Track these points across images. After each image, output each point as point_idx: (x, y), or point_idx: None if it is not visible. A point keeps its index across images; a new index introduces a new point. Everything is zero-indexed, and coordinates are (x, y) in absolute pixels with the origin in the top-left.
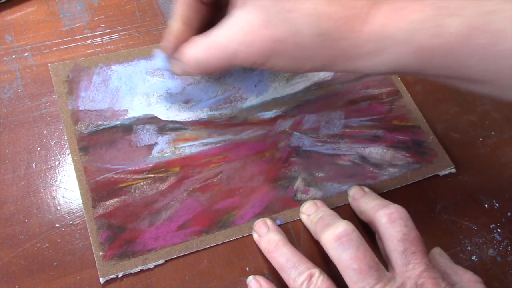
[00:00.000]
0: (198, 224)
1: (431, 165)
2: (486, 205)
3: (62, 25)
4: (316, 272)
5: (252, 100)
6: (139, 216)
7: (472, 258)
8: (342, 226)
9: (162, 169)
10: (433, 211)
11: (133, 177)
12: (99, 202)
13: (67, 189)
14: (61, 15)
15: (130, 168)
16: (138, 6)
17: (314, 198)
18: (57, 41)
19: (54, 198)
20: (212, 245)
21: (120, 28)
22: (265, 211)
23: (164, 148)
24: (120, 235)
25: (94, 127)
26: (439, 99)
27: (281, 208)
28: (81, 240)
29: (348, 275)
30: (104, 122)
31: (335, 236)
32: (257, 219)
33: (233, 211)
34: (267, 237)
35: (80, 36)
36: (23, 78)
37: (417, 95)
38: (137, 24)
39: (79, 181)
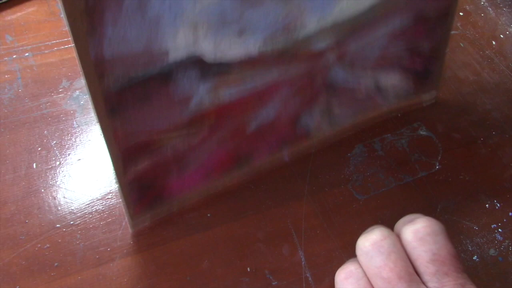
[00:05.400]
0: (221, 169)
1: (424, 93)
2: (487, 205)
3: (62, 25)
4: None
5: (311, 27)
6: (168, 172)
7: (474, 258)
8: (375, 233)
9: (197, 122)
10: (434, 211)
11: (167, 135)
12: (131, 168)
13: (68, 189)
14: (62, 15)
15: (164, 127)
16: None
17: (323, 132)
18: (57, 41)
19: (54, 199)
20: (229, 184)
21: None
22: (280, 149)
23: (203, 98)
24: (149, 193)
25: (125, 81)
26: (440, 98)
27: (294, 143)
28: (82, 240)
29: (376, 284)
30: (138, 73)
31: (367, 243)
32: (272, 156)
33: (254, 152)
34: None
35: None
36: (24, 78)
37: None
38: None
39: (110, 148)
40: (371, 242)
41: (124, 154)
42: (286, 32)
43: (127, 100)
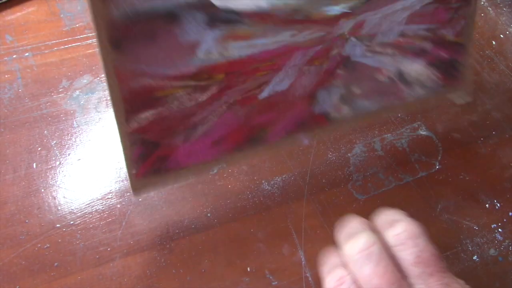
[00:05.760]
0: (232, 141)
1: (453, 90)
2: (487, 205)
3: (62, 25)
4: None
5: None
6: (174, 131)
7: (474, 258)
8: (363, 239)
9: (205, 75)
10: (434, 211)
11: (173, 84)
12: (133, 115)
13: (67, 189)
14: (62, 15)
15: (170, 73)
16: None
17: (344, 117)
18: (57, 41)
19: (54, 198)
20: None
21: None
22: (297, 129)
23: (211, 48)
24: (154, 152)
25: (130, 10)
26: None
27: (313, 125)
28: (82, 240)
29: None
30: (143, 3)
31: (356, 250)
32: (288, 136)
33: (267, 128)
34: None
35: (81, 36)
36: (24, 78)
37: None
38: None
39: (111, 87)
40: (358, 250)
41: (126, 97)
42: None
43: (132, 34)
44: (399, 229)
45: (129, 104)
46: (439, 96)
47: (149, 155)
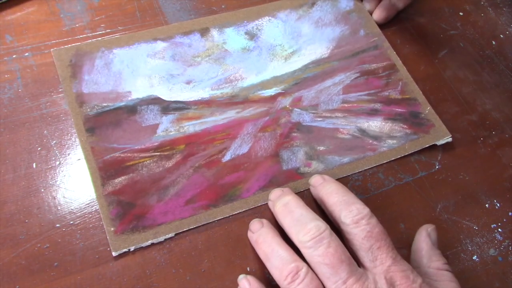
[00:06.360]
0: (205, 199)
1: (428, 135)
2: (487, 205)
3: (62, 25)
4: (304, 267)
5: (252, 79)
6: (147, 192)
7: (473, 258)
8: (314, 228)
9: (167, 147)
10: (434, 211)
11: (140, 155)
12: (108, 180)
13: (67, 189)
14: (62, 15)
15: (136, 147)
16: (138, 6)
17: (317, 171)
18: (57, 41)
19: (54, 198)
20: (220, 218)
21: (121, 28)
22: (270, 184)
23: (168, 127)
24: (130, 211)
25: (99, 109)
26: (439, 98)
27: (285, 180)
28: (81, 240)
29: (321, 271)
30: (109, 104)
31: (309, 237)
32: (263, 192)
33: (239, 185)
34: (260, 231)
35: (81, 36)
36: (24, 78)
37: None
38: (137, 24)
39: (87, 160)
40: (311, 237)
41: (101, 167)
42: (229, 82)
43: (102, 122)
44: (354, 210)
45: (103, 172)
46: (415, 143)
47: (126, 214)
